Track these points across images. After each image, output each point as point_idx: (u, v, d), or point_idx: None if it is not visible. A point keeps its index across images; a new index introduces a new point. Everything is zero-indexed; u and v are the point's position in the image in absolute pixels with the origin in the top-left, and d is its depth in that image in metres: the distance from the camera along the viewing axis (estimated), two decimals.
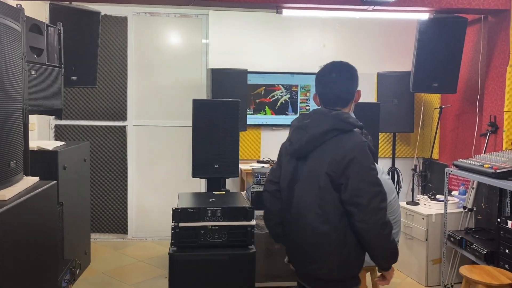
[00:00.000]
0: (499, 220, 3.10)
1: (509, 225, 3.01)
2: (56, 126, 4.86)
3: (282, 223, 2.12)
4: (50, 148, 3.39)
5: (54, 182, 2.07)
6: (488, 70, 4.12)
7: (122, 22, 4.87)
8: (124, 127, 4.95)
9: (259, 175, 3.61)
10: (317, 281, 1.99)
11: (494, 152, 3.64)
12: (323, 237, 1.91)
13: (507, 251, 2.99)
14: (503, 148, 3.80)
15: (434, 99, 5.07)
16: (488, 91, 4.10)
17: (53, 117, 4.77)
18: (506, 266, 2.99)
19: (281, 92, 5.14)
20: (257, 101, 5.09)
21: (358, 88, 2.10)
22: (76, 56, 3.70)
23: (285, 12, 3.98)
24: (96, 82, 4.01)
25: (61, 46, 3.21)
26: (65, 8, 3.68)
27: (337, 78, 2.04)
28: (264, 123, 5.14)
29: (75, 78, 3.73)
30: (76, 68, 3.70)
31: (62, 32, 3.20)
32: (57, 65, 3.16)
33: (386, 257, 1.99)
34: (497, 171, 3.11)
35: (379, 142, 4.96)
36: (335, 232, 1.90)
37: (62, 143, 3.78)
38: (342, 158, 1.87)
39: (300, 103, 5.20)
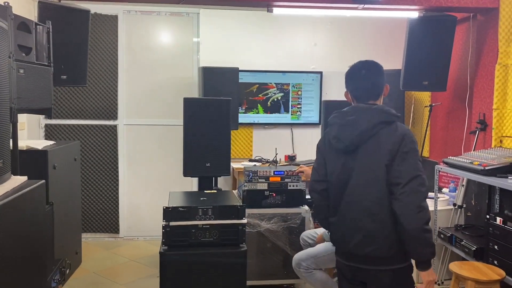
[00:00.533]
0: (488, 216, 3.13)
1: (498, 222, 3.04)
2: (46, 125, 4.83)
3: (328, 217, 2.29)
4: (40, 147, 3.37)
5: (43, 181, 2.06)
6: (477, 68, 4.15)
7: (112, 20, 4.85)
8: (115, 126, 4.93)
9: (251, 173, 3.61)
10: (373, 259, 2.13)
11: (483, 149, 3.67)
12: (381, 222, 2.09)
13: (496, 247, 3.02)
14: (492, 145, 3.83)
15: (425, 97, 5.10)
16: (477, 89, 4.14)
17: (43, 116, 4.74)
18: (495, 262, 3.02)
19: (275, 90, 5.14)
20: (251, 99, 5.09)
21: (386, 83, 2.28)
22: (66, 55, 3.67)
23: (276, 10, 3.98)
24: (86, 81, 3.98)
25: (50, 44, 3.18)
26: (54, 6, 3.65)
27: (367, 74, 2.25)
28: (256, 122, 5.15)
29: (64, 77, 3.70)
30: (65, 66, 3.67)
31: (51, 30, 3.18)
32: (46, 63, 3.14)
33: (420, 243, 2.04)
34: (486, 168, 3.14)
35: None
36: (391, 218, 2.07)
37: (52, 142, 3.76)
38: (398, 147, 2.06)
39: (291, 101, 5.20)
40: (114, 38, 4.86)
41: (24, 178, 2.03)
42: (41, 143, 3.51)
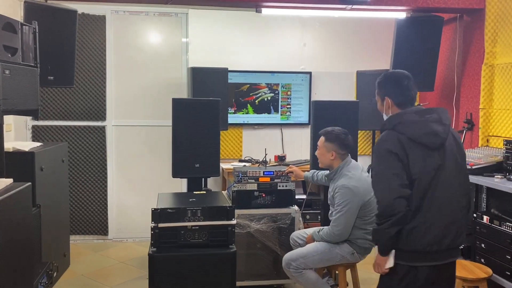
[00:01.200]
0: (475, 215, 3.16)
1: (485, 220, 3.08)
2: (33, 127, 4.78)
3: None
4: (27, 149, 3.33)
5: (29, 183, 2.04)
6: (464, 68, 4.20)
7: (100, 21, 4.81)
8: (103, 127, 4.89)
9: (240, 174, 3.61)
10: (458, 250, 2.26)
11: (471, 149, 3.72)
12: (466, 212, 2.23)
13: (483, 245, 3.06)
14: (479, 145, 3.88)
15: None
16: (464, 89, 4.18)
17: (30, 117, 4.69)
18: (482, 260, 3.06)
19: (266, 90, 5.15)
20: (242, 100, 5.08)
21: None
22: (53, 56, 3.63)
23: (265, 11, 3.99)
24: (74, 82, 3.94)
25: (37, 45, 3.14)
26: (41, 6, 3.61)
27: (412, 81, 2.34)
28: (246, 122, 5.15)
29: (51, 77, 3.66)
30: (52, 67, 3.63)
31: (37, 30, 3.14)
32: (33, 64, 3.10)
33: None
34: (473, 167, 3.17)
35: (359, 140, 5.01)
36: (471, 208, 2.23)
37: (39, 144, 3.71)
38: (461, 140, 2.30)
39: (281, 101, 5.21)
40: (102, 39, 4.82)
41: (10, 180, 2.01)
42: (28, 145, 3.47)
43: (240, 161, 4.96)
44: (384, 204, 2.10)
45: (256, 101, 5.13)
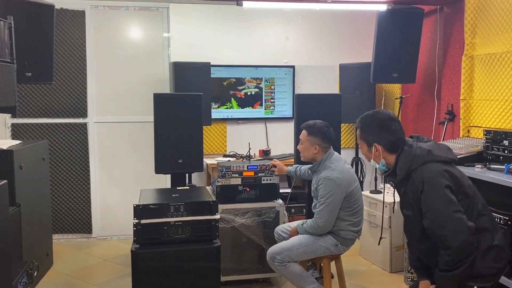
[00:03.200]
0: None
1: None
2: (13, 125, 4.68)
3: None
4: (5, 147, 3.26)
5: (5, 181, 1.99)
6: (444, 60, 4.23)
7: (79, 16, 4.73)
8: (85, 124, 4.82)
9: (224, 168, 3.59)
10: None
11: (452, 139, 3.75)
12: None
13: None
14: (460, 135, 3.92)
15: (395, 89, 5.18)
16: (445, 80, 4.22)
17: (9, 115, 4.60)
18: None
19: (253, 85, 5.12)
20: (231, 92, 5.05)
21: None
22: (30, 51, 3.56)
23: (245, 4, 3.96)
24: (53, 78, 3.87)
25: (13, 40, 3.08)
26: (17, 1, 3.53)
27: (397, 124, 2.24)
28: (230, 117, 5.12)
29: (29, 74, 3.59)
30: (30, 63, 3.56)
31: (13, 25, 3.07)
32: (9, 60, 3.04)
33: None
34: None
35: (342, 133, 5.03)
36: None
37: (18, 142, 3.65)
38: None
39: (265, 96, 5.20)
40: (82, 34, 4.74)
41: None
42: (6, 143, 3.40)
43: (225, 156, 4.94)
44: (456, 249, 1.96)
45: (241, 92, 5.10)
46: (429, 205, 2.04)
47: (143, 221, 2.74)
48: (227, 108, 5.08)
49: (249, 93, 5.13)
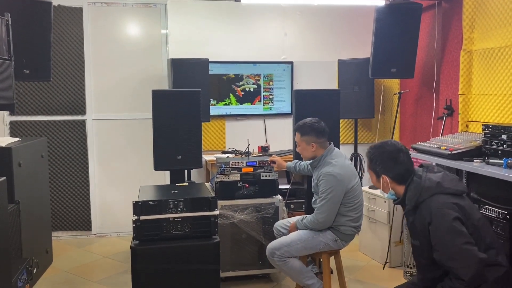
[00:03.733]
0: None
1: None
2: (11, 122, 4.67)
3: None
4: (3, 144, 3.26)
5: (4, 178, 1.99)
6: (443, 55, 4.23)
7: (77, 12, 4.71)
8: (83, 121, 4.82)
9: (223, 165, 3.59)
10: None
11: (450, 134, 3.75)
12: None
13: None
14: (459, 130, 3.92)
15: (394, 85, 5.18)
16: (443, 75, 4.22)
17: (8, 113, 4.59)
18: None
19: (251, 80, 5.12)
20: (232, 86, 5.03)
21: None
22: (28, 49, 3.55)
23: (244, 0, 3.95)
24: (51, 76, 3.86)
25: (10, 37, 3.06)
26: None
27: (406, 155, 2.25)
28: (228, 114, 5.12)
29: (27, 71, 3.58)
30: (28, 61, 3.55)
31: (10, 22, 3.06)
32: (7, 57, 3.02)
33: None
34: (453, 152, 3.20)
35: (340, 129, 5.03)
36: None
37: (17, 139, 3.64)
38: None
39: (263, 92, 5.19)
40: (79, 31, 4.73)
41: None
42: (5, 140, 3.39)
43: (224, 152, 4.94)
44: (468, 281, 1.97)
45: (239, 89, 5.09)
46: (438, 238, 2.04)
47: (142, 217, 2.74)
48: (225, 104, 5.07)
49: (247, 89, 5.12)
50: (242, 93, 5.11)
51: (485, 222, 2.15)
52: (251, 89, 5.14)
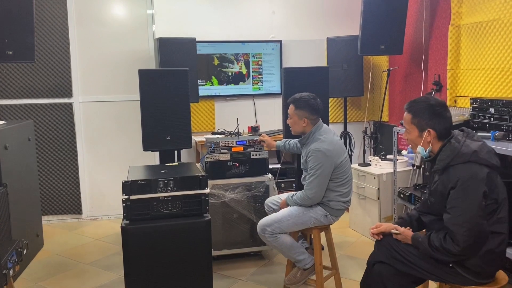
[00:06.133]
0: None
1: None
2: None
3: None
4: None
5: None
6: (431, 30, 4.22)
7: None
8: (70, 104, 4.75)
9: (213, 144, 3.58)
10: None
11: None
12: None
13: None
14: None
15: (383, 62, 5.16)
16: (432, 51, 4.21)
17: None
18: None
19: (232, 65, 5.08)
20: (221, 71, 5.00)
21: None
22: (9, 29, 3.46)
23: None
24: (35, 57, 3.78)
25: None
26: None
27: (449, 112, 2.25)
28: (217, 94, 5.08)
29: (10, 52, 3.50)
30: (10, 41, 3.47)
31: None
32: None
33: None
34: None
35: (330, 108, 5.02)
36: None
37: (2, 122, 3.59)
38: None
39: (252, 72, 5.16)
40: (63, 11, 4.62)
41: None
42: None
43: (214, 133, 4.90)
44: (463, 250, 2.06)
45: (230, 76, 5.06)
46: (457, 203, 2.05)
47: (132, 197, 2.72)
48: (212, 85, 5.03)
49: (230, 73, 5.07)
50: (227, 75, 5.07)
51: (506, 205, 2.15)
52: (234, 73, 5.08)
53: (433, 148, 2.22)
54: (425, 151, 2.23)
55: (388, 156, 4.24)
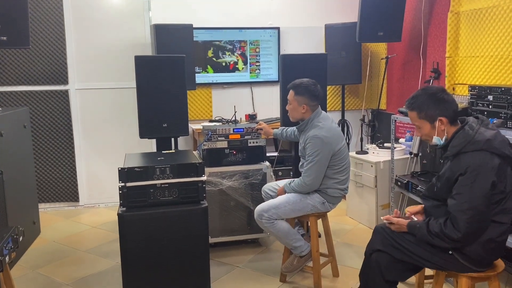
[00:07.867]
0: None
1: None
2: None
3: None
4: None
5: None
6: (430, 17, 4.18)
7: None
8: (66, 91, 4.71)
9: (210, 132, 3.56)
10: None
11: None
12: None
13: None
14: None
15: (381, 49, 5.13)
16: (431, 38, 4.18)
17: None
18: None
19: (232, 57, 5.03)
20: (216, 60, 4.95)
21: None
22: (3, 14, 3.42)
23: None
24: (29, 42, 3.74)
25: None
26: None
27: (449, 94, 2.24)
28: (215, 82, 5.04)
29: (4, 38, 3.46)
30: (4, 27, 3.42)
31: None
32: None
33: None
34: None
35: (328, 95, 5.00)
36: None
37: None
38: None
39: (250, 59, 5.12)
40: None
41: None
42: None
43: (211, 121, 4.87)
44: (463, 236, 2.05)
45: (227, 63, 5.02)
46: (464, 190, 2.04)
47: (129, 184, 2.70)
48: (208, 72, 4.99)
49: (223, 64, 5.03)
50: (225, 63, 5.03)
51: None
52: (230, 62, 5.03)
53: (449, 133, 2.20)
54: (441, 140, 2.21)
55: (385, 144, 4.23)
